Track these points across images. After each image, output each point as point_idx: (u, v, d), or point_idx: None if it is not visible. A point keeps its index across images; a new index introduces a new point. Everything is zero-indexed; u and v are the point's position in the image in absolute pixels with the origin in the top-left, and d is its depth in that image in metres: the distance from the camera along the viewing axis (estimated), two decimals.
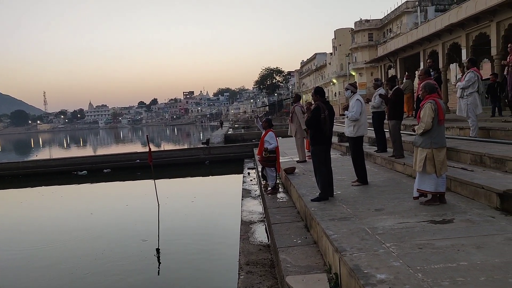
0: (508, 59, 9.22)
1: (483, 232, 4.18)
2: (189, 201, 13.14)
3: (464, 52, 13.77)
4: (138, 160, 20.98)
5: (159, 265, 7.86)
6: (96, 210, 12.97)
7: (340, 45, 61.40)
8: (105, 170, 20.87)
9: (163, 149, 29.71)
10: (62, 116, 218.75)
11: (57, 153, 43.41)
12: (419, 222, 4.67)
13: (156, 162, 16.73)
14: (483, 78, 9.37)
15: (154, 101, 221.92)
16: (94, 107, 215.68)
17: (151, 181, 12.93)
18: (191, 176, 19.74)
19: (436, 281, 3.14)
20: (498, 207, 4.98)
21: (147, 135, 16.24)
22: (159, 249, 8.60)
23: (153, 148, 33.78)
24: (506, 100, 10.31)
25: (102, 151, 40.00)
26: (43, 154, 42.50)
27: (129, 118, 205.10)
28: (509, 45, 9.25)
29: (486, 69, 20.62)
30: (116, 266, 7.73)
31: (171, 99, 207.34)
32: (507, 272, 3.21)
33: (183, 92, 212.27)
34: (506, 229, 4.24)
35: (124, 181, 19.30)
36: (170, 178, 19.08)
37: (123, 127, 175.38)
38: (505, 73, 9.82)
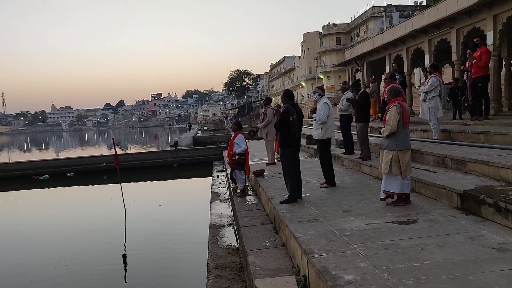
0: (467, 65, 9.59)
1: (445, 232, 4.31)
2: (156, 205, 12.91)
3: (427, 57, 14.23)
4: (103, 164, 20.45)
5: (125, 271, 7.66)
6: (58, 215, 12.55)
7: (308, 48, 62.22)
8: (68, 174, 20.20)
9: (130, 152, 29.11)
10: (22, 118, 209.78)
11: (17, 156, 41.63)
12: (385, 223, 4.76)
13: (122, 165, 16.34)
14: (445, 83, 9.70)
15: (121, 103, 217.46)
16: (57, 108, 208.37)
17: (117, 185, 12.64)
18: (159, 180, 19.44)
19: (401, 280, 3.21)
20: (459, 207, 5.15)
21: (113, 138, 15.86)
22: (125, 255, 8.39)
23: (120, 151, 33.02)
24: (466, 104, 10.71)
25: (65, 154, 38.74)
26: (1, 157, 40.70)
27: (95, 120, 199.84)
28: (468, 51, 9.62)
29: (447, 74, 21.41)
30: (79, 274, 7.47)
31: (139, 101, 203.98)
32: (466, 270, 3.32)
33: (151, 94, 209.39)
34: (466, 228, 4.39)
35: (89, 185, 18.74)
36: (137, 181, 18.70)
37: (88, 129, 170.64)
38: (464, 78, 10.21)
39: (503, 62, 12.92)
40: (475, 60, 9.07)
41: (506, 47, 12.23)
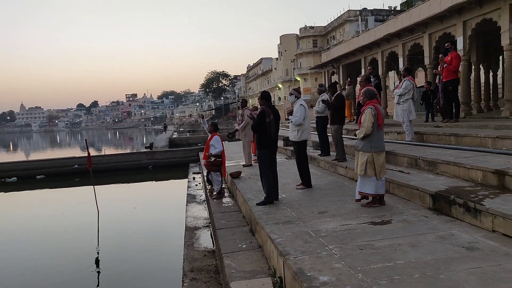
0: (439, 68, 9.84)
1: (418, 232, 4.40)
2: (131, 207, 12.69)
3: (401, 60, 14.53)
4: (76, 166, 19.94)
5: (98, 275, 7.47)
6: (26, 219, 12.15)
7: (285, 50, 62.65)
8: (38, 177, 19.53)
9: (103, 154, 28.56)
10: None
11: None
12: (360, 224, 4.82)
13: (96, 167, 16.00)
14: (418, 86, 9.93)
15: (95, 104, 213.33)
16: (27, 109, 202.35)
17: (90, 187, 12.35)
18: (134, 182, 19.10)
19: (375, 280, 3.25)
20: (431, 207, 5.27)
21: (86, 139, 15.51)
22: (98, 259, 8.20)
23: (93, 153, 32.35)
24: (437, 107, 10.99)
25: (35, 156, 37.63)
26: None
27: (67, 121, 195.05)
28: (440, 55, 9.88)
29: (420, 77, 21.91)
30: (49, 280, 7.23)
31: (113, 102, 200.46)
32: (438, 269, 3.40)
33: (126, 95, 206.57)
34: (437, 228, 4.49)
35: (60, 188, 18.25)
36: (111, 183, 18.32)
37: (60, 130, 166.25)
38: (436, 81, 10.48)
39: (473, 67, 13.32)
40: (446, 64, 9.32)
41: (475, 52, 12.61)
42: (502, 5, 9.31)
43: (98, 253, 8.62)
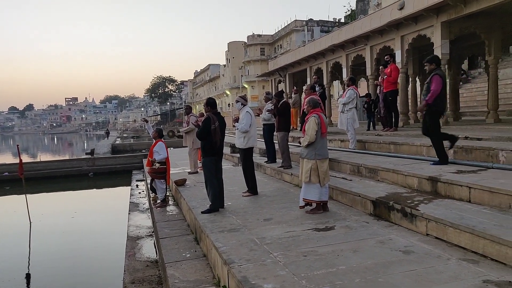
0: (379, 80, 10.31)
1: (359, 237, 4.53)
2: (68, 217, 12.01)
3: (344, 70, 15.05)
4: (6, 173, 18.54)
5: None
6: None
7: (233, 57, 62.88)
8: None
9: (39, 160, 26.92)
10: None
11: None
12: (304, 230, 4.88)
13: (29, 174, 15.08)
14: (361, 95, 10.31)
15: (30, 107, 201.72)
16: None
17: (22, 196, 11.56)
18: (72, 190, 18.18)
19: (318, 286, 3.30)
20: (372, 213, 5.46)
21: (17, 145, 14.54)
22: (29, 274, 7.64)
23: (27, 159, 30.51)
24: (378, 116, 11.49)
25: None
26: None
27: None
28: (380, 67, 10.35)
29: (363, 87, 22.81)
30: None
31: (51, 105, 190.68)
32: (377, 273, 3.51)
33: (65, 98, 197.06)
34: (377, 233, 4.65)
35: None
36: (46, 192, 17.31)
37: None
38: (377, 92, 10.96)
39: (410, 79, 14.09)
40: (386, 76, 9.78)
41: (412, 65, 13.36)
42: (434, 23, 9.96)
43: (29, 266, 8.05)
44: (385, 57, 10.12)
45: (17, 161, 12.44)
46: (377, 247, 4.18)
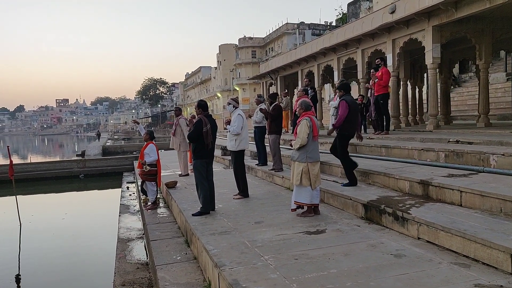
0: (371, 83, 10.35)
1: (350, 240, 4.52)
2: (59, 218, 11.88)
3: (336, 73, 15.09)
4: None
5: None
6: None
7: (224, 60, 62.83)
8: None
9: (29, 162, 26.60)
10: None
11: None
12: (295, 234, 4.86)
13: (19, 176, 14.92)
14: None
15: (20, 108, 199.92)
16: None
17: (12, 198, 11.42)
18: (63, 192, 18.00)
19: None
20: (363, 216, 5.46)
21: (8, 146, 14.37)
22: (19, 276, 7.55)
23: (17, 161, 30.16)
24: (370, 119, 11.52)
25: None
26: None
27: None
28: (371, 71, 10.39)
29: (354, 90, 22.92)
30: None
31: (41, 107, 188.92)
32: (368, 276, 3.50)
33: (56, 100, 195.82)
34: (369, 236, 4.65)
35: None
36: (36, 193, 17.12)
37: None
38: (369, 95, 11.00)
39: (401, 83, 14.17)
40: (377, 79, 9.82)
41: (403, 69, 13.44)
42: (426, 27, 10.03)
43: (19, 268, 7.95)
44: (376, 61, 10.16)
45: (7, 162, 12.29)
46: (368, 250, 4.17)
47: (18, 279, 7.44)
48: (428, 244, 4.26)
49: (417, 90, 16.06)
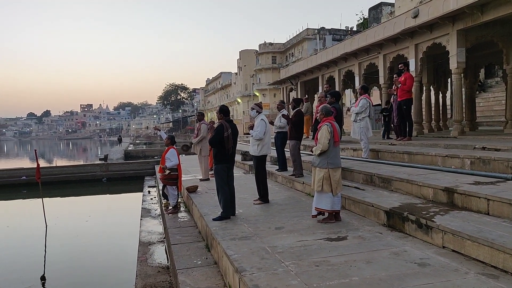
0: (393, 88, 10.21)
1: (372, 248, 4.45)
2: (82, 221, 12.13)
3: (357, 79, 14.98)
4: (24, 177, 18.90)
5: None
6: None
7: (245, 65, 63.05)
8: None
9: (55, 165, 27.27)
10: None
11: None
12: (316, 240, 4.82)
13: (46, 179, 15.27)
14: (374, 104, 10.21)
15: (47, 113, 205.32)
16: None
17: (38, 200, 11.73)
18: (86, 195, 18.36)
19: None
20: (385, 224, 5.37)
21: (35, 150, 14.76)
22: (44, 276, 7.72)
23: (44, 164, 30.92)
24: (392, 125, 11.37)
25: None
26: None
27: (16, 130, 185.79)
28: (394, 76, 10.26)
29: (376, 96, 22.69)
30: None
31: (67, 112, 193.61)
32: (391, 285, 3.43)
33: (81, 105, 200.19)
34: (391, 244, 4.56)
35: (5, 200, 17.21)
36: (61, 196, 17.52)
37: (8, 140, 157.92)
38: (391, 100, 10.86)
39: (424, 88, 13.95)
40: (400, 85, 9.69)
41: (426, 74, 13.23)
42: (450, 31, 9.86)
43: (44, 269, 8.13)
44: (399, 66, 10.04)
45: (35, 165, 12.62)
46: (391, 258, 4.10)
47: (43, 278, 7.62)
48: (453, 253, 4.15)
49: (440, 95, 15.78)
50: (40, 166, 12.46)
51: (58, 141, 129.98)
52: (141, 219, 10.16)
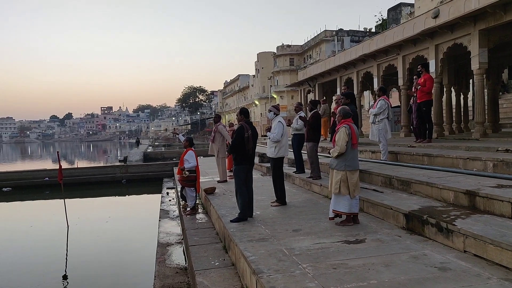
0: (413, 89, 10.06)
1: (391, 251, 4.40)
2: (102, 221, 12.34)
3: (375, 80, 14.81)
4: (46, 178, 19.36)
5: None
6: None
7: (262, 68, 63.13)
8: (5, 189, 18.85)
9: (76, 167, 27.83)
10: None
11: None
12: (334, 243, 4.79)
13: (67, 180, 15.59)
14: (392, 106, 10.08)
15: (69, 115, 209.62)
16: None
17: (60, 201, 11.98)
18: (106, 196, 18.68)
19: None
20: (404, 227, 5.30)
21: (57, 151, 15.11)
22: (66, 275, 7.89)
23: (65, 165, 31.55)
24: (411, 127, 11.20)
25: (3, 168, 36.36)
26: None
27: (39, 132, 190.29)
28: (414, 77, 10.11)
29: (394, 98, 22.42)
30: None
31: (88, 114, 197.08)
32: None
33: (101, 107, 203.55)
34: (410, 248, 4.50)
35: (29, 200, 17.66)
36: (82, 197, 17.87)
37: (32, 142, 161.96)
38: (411, 102, 10.70)
39: (444, 89, 13.70)
40: (420, 86, 9.54)
41: (447, 75, 12.99)
42: (472, 31, 9.66)
43: (66, 268, 8.31)
44: (418, 67, 9.89)
45: (57, 167, 12.91)
46: (410, 262, 4.04)
47: (65, 277, 7.79)
48: (475, 257, 4.06)
49: (461, 97, 15.47)
50: (62, 167, 12.73)
51: (79, 143, 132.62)
52: (159, 220, 10.28)
